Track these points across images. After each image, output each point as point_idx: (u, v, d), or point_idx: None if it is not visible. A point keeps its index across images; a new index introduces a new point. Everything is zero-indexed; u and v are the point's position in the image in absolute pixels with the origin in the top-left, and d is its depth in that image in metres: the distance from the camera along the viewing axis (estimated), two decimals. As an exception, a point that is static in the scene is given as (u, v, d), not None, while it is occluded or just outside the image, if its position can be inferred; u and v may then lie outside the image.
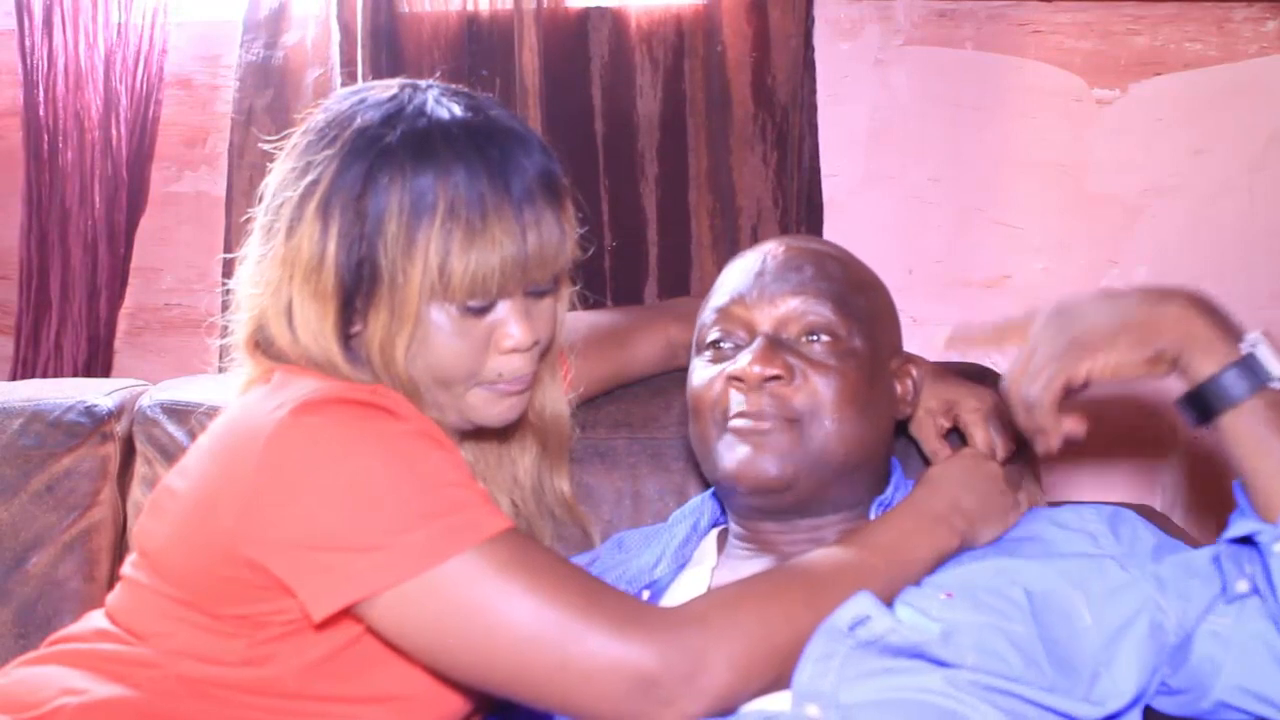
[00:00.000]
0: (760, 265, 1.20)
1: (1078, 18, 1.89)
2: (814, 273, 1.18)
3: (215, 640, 1.00)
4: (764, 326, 1.17)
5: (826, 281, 1.18)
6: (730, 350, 1.18)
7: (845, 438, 1.14)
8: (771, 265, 1.19)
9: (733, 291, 1.20)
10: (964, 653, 0.97)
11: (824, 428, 1.13)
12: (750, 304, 1.18)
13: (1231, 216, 1.93)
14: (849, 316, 1.17)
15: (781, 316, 1.16)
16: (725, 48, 1.79)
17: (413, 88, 1.07)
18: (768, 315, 1.17)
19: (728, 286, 1.21)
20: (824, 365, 1.14)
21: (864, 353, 1.17)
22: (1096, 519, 1.14)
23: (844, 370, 1.14)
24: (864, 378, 1.16)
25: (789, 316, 1.16)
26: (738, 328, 1.18)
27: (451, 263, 1.00)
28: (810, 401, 1.13)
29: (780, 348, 1.14)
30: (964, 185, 1.93)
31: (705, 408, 1.17)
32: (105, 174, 1.81)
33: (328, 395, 0.98)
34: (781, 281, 1.17)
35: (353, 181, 1.01)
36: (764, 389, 1.13)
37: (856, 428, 1.15)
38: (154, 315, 1.98)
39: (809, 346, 1.15)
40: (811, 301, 1.16)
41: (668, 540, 1.25)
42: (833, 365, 1.14)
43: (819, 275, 1.18)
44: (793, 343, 1.16)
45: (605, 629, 0.93)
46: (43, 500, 1.45)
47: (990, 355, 1.69)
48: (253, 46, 1.78)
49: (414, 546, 0.93)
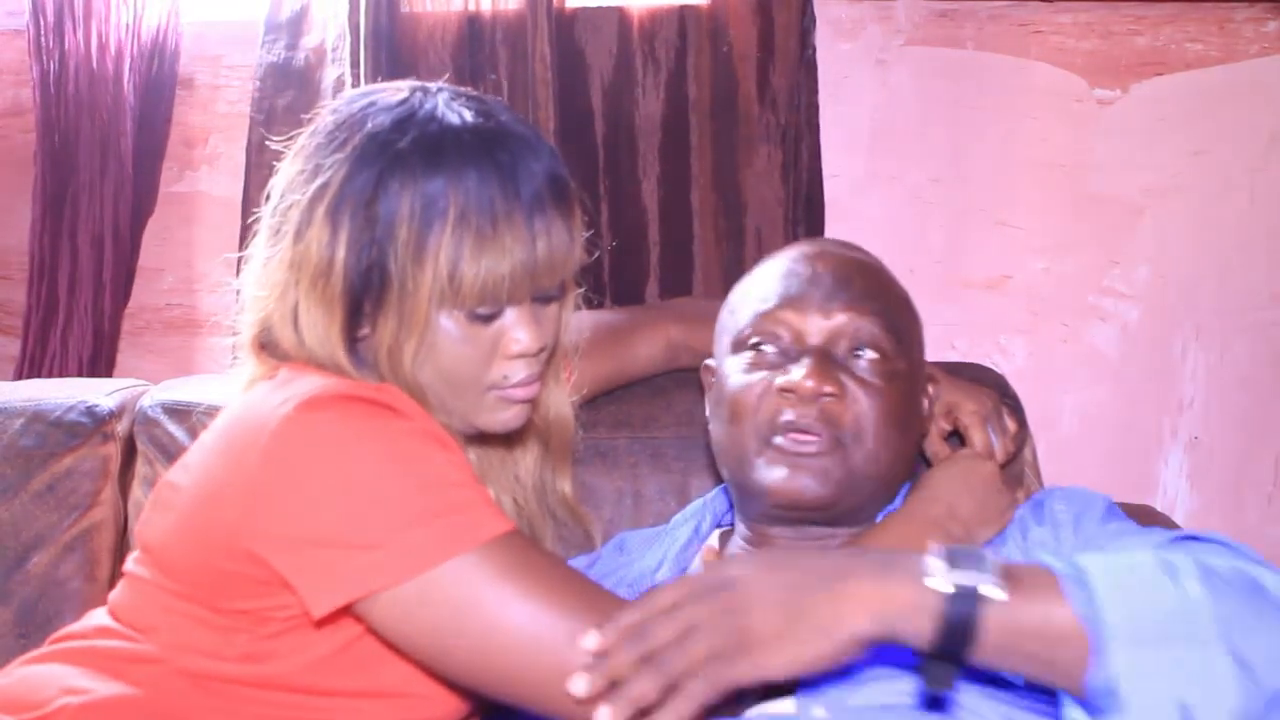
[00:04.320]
0: (810, 271, 1.16)
1: (1079, 18, 1.90)
2: (864, 287, 1.15)
3: (217, 635, 1.00)
4: (814, 339, 1.13)
5: (877, 298, 1.15)
6: (774, 356, 1.14)
7: (885, 459, 1.12)
8: (823, 273, 1.15)
9: (780, 295, 1.15)
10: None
11: (865, 448, 1.11)
12: (801, 311, 1.14)
13: (1231, 216, 1.93)
14: (896, 336, 1.14)
15: (833, 330, 1.13)
16: (728, 48, 1.79)
17: (423, 91, 1.06)
18: (819, 326, 1.13)
19: (772, 289, 1.17)
20: (871, 385, 1.12)
21: (906, 373, 1.15)
22: (1065, 509, 1.14)
23: (889, 391, 1.12)
24: (905, 398, 1.14)
25: (840, 331, 1.13)
26: (784, 333, 1.14)
27: (462, 270, 0.99)
28: (856, 423, 1.11)
29: (833, 364, 1.12)
30: (965, 185, 1.93)
31: (746, 414, 1.13)
32: (114, 173, 1.82)
33: (333, 392, 0.98)
34: (834, 293, 1.14)
35: (363, 186, 1.00)
36: (816, 403, 1.10)
37: (895, 448, 1.13)
38: (155, 315, 1.98)
39: (855, 362, 1.13)
40: (864, 318, 1.13)
41: (670, 544, 1.24)
42: (879, 385, 1.12)
43: (870, 290, 1.15)
44: (842, 358, 1.13)
45: None
46: (44, 500, 1.45)
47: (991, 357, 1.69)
48: (274, 48, 1.79)
49: (414, 546, 0.93)
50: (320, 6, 1.80)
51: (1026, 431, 1.39)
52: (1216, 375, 1.95)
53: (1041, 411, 1.88)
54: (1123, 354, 1.96)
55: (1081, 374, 1.97)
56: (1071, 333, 1.96)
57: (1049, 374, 1.96)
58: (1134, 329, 1.95)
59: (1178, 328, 1.95)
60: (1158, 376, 1.96)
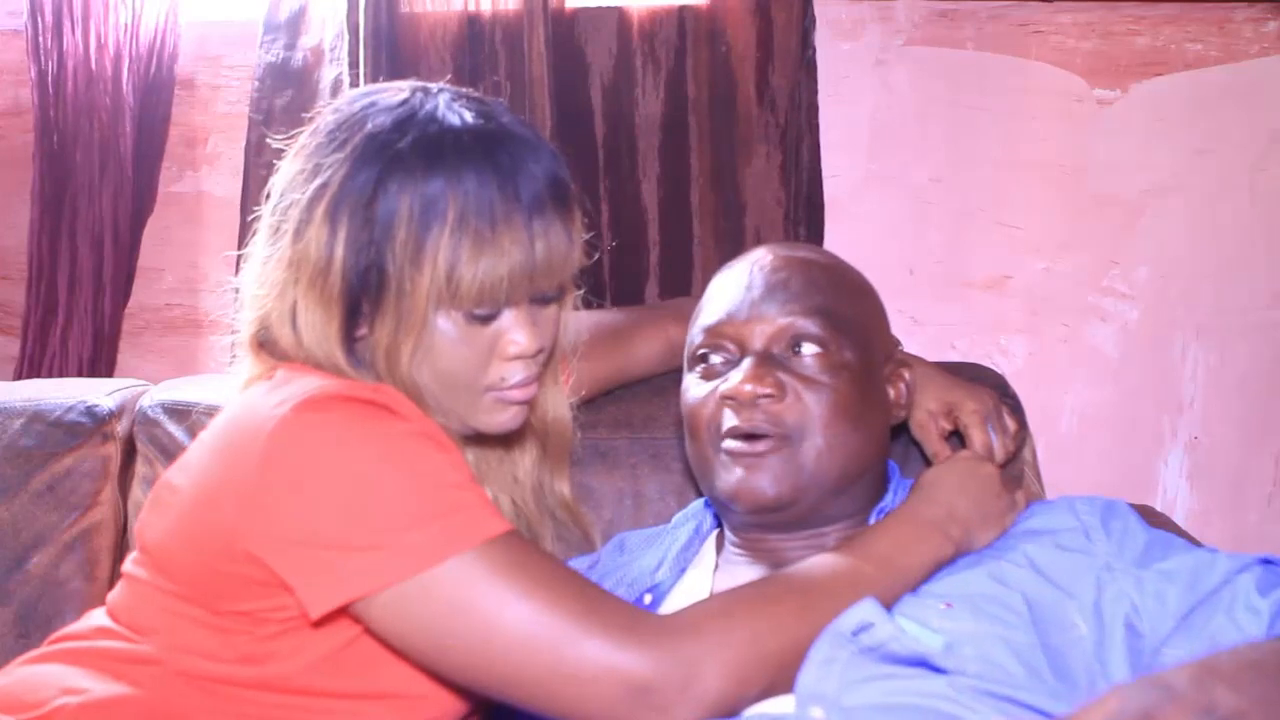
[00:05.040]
0: (748, 279, 1.18)
1: (1079, 18, 1.90)
2: (802, 285, 1.17)
3: (215, 637, 1.00)
4: (755, 343, 1.15)
5: (816, 294, 1.17)
6: (721, 366, 1.17)
7: (839, 453, 1.13)
8: (760, 279, 1.18)
9: (721, 309, 1.18)
10: (966, 663, 0.96)
11: (817, 445, 1.12)
12: (740, 320, 1.16)
13: (1231, 216, 1.93)
14: (838, 329, 1.16)
15: (771, 333, 1.15)
16: (727, 48, 1.79)
17: (424, 91, 1.06)
18: (758, 331, 1.15)
19: (717, 303, 1.20)
20: (815, 381, 1.13)
21: (855, 364, 1.16)
22: (1090, 511, 1.14)
23: (835, 385, 1.13)
24: (855, 390, 1.15)
25: (779, 332, 1.15)
26: (728, 344, 1.17)
27: (460, 271, 0.99)
28: (802, 418, 1.12)
29: (771, 364, 1.13)
30: (965, 185, 1.93)
31: (700, 425, 1.16)
32: (113, 173, 1.82)
33: (331, 393, 0.98)
34: (770, 296, 1.16)
35: (363, 186, 1.00)
36: (757, 405, 1.12)
37: (850, 441, 1.14)
38: (155, 315, 1.98)
39: (799, 360, 1.14)
40: (800, 316, 1.15)
41: (670, 543, 1.25)
42: (824, 381, 1.13)
43: (808, 288, 1.17)
44: (783, 358, 1.15)
45: (601, 635, 0.92)
46: (43, 500, 1.45)
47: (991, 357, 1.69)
48: (272, 47, 1.80)
49: (412, 547, 0.93)
50: (318, 6, 1.80)
51: (1026, 431, 1.39)
52: (1216, 375, 1.95)
53: (1041, 411, 1.89)
54: (1123, 354, 1.96)
55: (1081, 374, 1.97)
56: (1071, 333, 1.96)
57: (1049, 374, 1.96)
58: (1134, 329, 1.95)
59: (1178, 328, 1.95)
60: (1158, 376, 1.96)
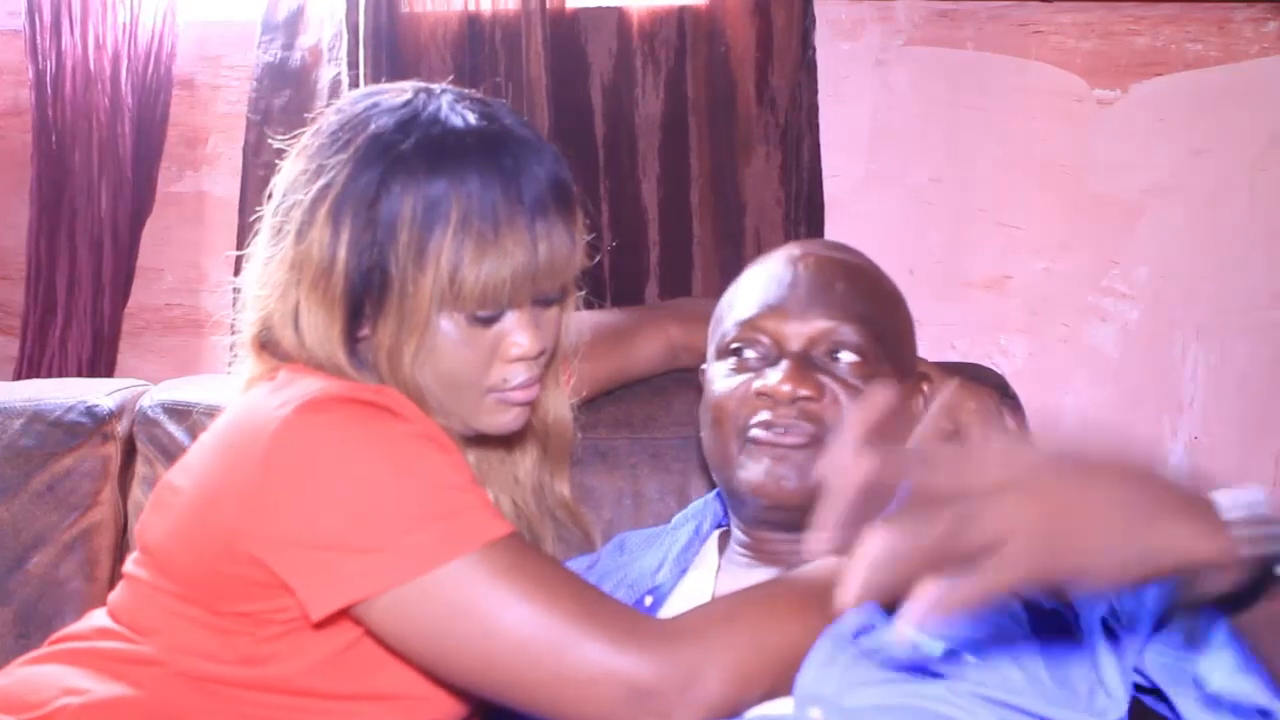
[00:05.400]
0: (791, 276, 1.17)
1: (1078, 18, 1.90)
2: (846, 290, 1.16)
3: (216, 638, 1.00)
4: (793, 344, 1.14)
5: (859, 301, 1.15)
6: (755, 361, 1.15)
7: None
8: (804, 277, 1.16)
9: (762, 302, 1.16)
10: (965, 669, 0.96)
11: None
12: (780, 317, 1.14)
13: (1231, 216, 1.93)
14: (878, 339, 1.15)
15: (812, 334, 1.14)
16: (727, 48, 1.79)
17: (427, 93, 1.06)
18: (798, 331, 1.14)
19: (755, 295, 1.18)
20: (852, 387, 1.12)
21: (889, 375, 1.15)
22: None
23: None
24: None
25: (819, 335, 1.14)
26: (765, 339, 1.15)
27: (463, 273, 0.99)
28: (838, 421, 1.11)
29: (810, 366, 1.12)
30: (965, 185, 1.93)
31: (727, 418, 1.15)
32: (112, 173, 1.82)
33: (332, 394, 0.98)
34: (814, 297, 1.14)
35: (365, 187, 1.00)
36: (794, 406, 1.11)
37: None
38: (155, 315, 1.98)
39: (835, 365, 1.13)
40: (843, 322, 1.14)
41: (670, 544, 1.24)
42: (860, 388, 1.12)
43: (852, 293, 1.16)
44: (821, 360, 1.13)
45: (601, 638, 0.92)
46: (43, 500, 1.45)
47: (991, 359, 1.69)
48: (270, 47, 1.80)
49: (413, 549, 0.93)
50: (316, 6, 1.80)
51: (1027, 432, 1.39)
52: (1216, 375, 1.95)
53: (1042, 411, 1.88)
54: (1123, 354, 1.96)
55: (1081, 374, 1.97)
56: (1071, 333, 1.96)
57: (1049, 374, 1.96)
58: (1134, 329, 1.95)
59: (1178, 328, 1.95)
60: (1158, 376, 1.96)
